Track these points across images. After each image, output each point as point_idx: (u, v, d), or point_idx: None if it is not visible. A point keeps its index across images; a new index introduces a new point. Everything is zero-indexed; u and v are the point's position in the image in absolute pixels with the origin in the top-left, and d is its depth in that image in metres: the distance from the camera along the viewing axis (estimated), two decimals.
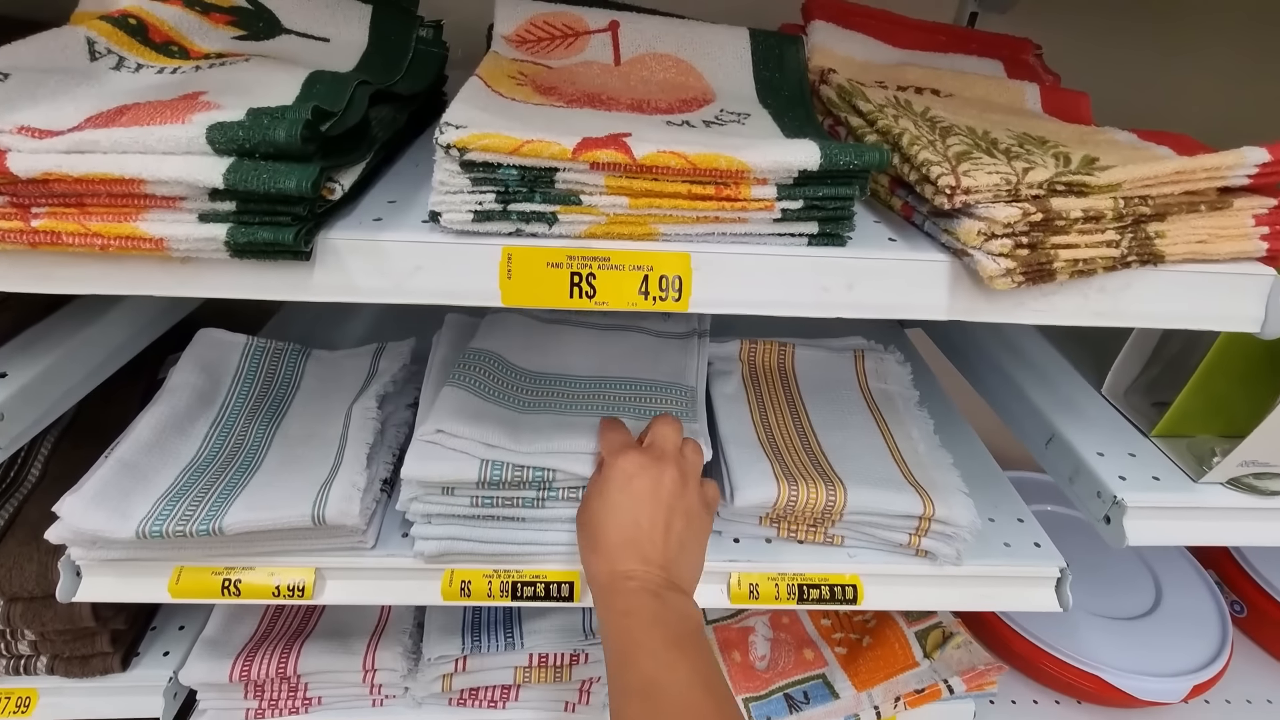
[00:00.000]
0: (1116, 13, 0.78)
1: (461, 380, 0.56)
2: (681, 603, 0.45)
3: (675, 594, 0.45)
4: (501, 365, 0.59)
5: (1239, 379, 0.55)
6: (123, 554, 0.52)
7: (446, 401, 0.53)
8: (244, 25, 0.53)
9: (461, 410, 0.53)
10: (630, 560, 0.45)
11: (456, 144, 0.35)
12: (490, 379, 0.57)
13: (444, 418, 0.52)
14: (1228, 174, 0.40)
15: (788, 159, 0.36)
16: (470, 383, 0.56)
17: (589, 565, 0.47)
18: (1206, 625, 0.85)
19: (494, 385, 0.57)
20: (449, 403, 0.53)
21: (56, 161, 0.34)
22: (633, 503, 0.46)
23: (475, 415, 0.53)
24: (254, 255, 0.36)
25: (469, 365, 0.57)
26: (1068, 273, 0.39)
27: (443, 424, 0.51)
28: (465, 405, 0.53)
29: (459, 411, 0.53)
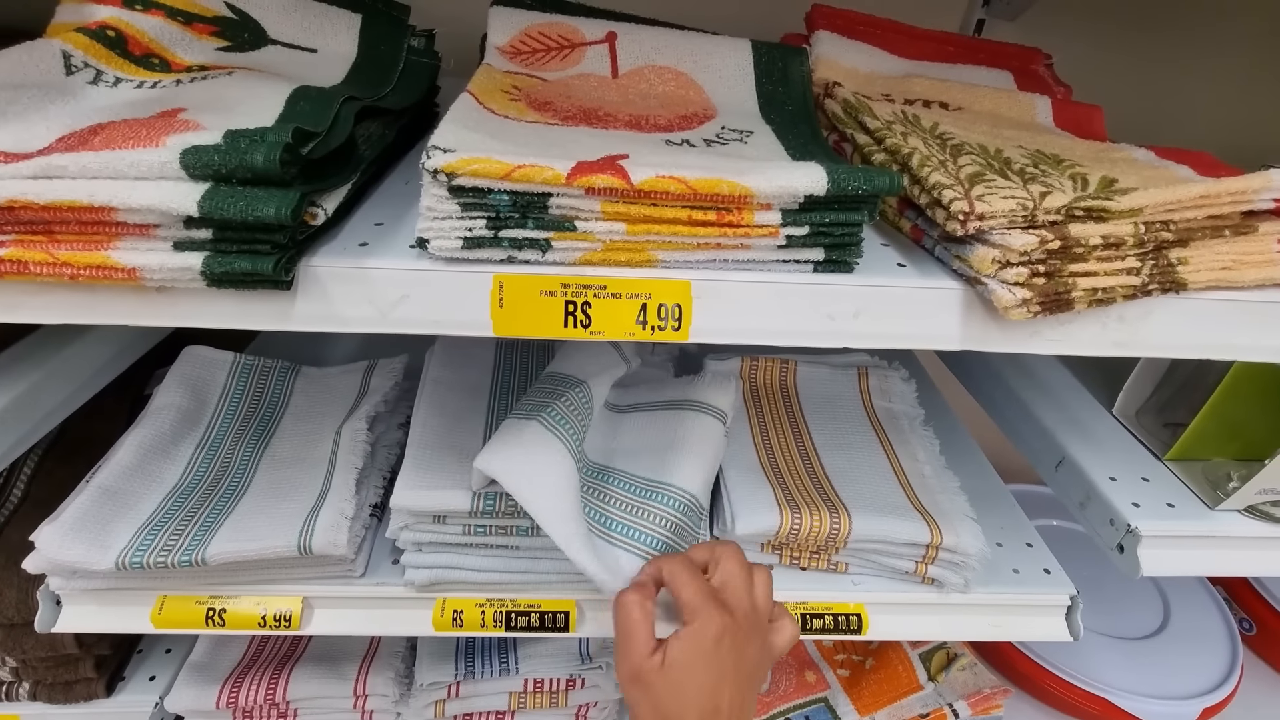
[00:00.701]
0: (1128, 20, 0.76)
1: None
2: None
3: None
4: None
5: (1256, 402, 0.54)
6: (103, 584, 0.51)
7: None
8: (228, 36, 0.51)
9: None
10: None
11: (444, 169, 0.33)
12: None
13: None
14: (1254, 197, 0.38)
15: (793, 184, 0.34)
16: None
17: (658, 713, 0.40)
18: (1216, 645, 0.84)
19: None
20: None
21: (22, 188, 0.32)
22: (716, 680, 0.41)
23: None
24: (232, 285, 0.34)
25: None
26: (1086, 302, 0.37)
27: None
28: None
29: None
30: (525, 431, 0.48)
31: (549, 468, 0.47)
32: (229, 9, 0.52)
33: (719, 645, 0.40)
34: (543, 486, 0.46)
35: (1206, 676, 0.79)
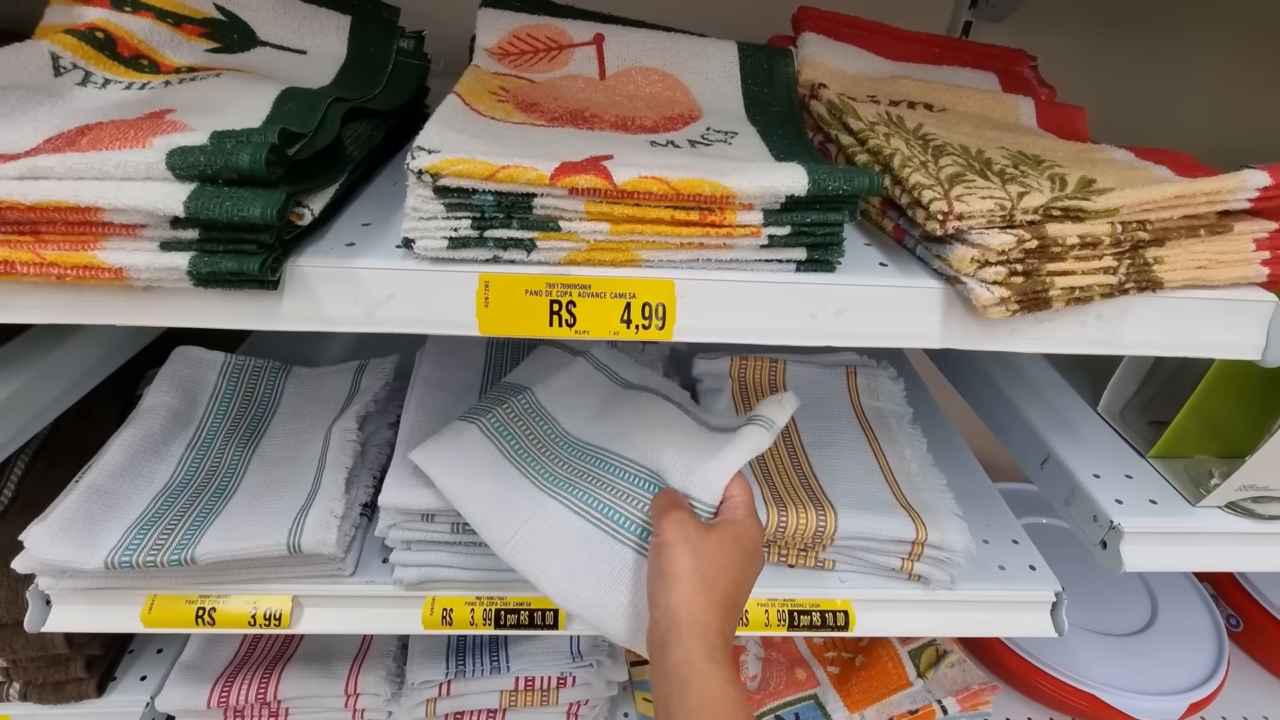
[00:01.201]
0: (1114, 22, 0.77)
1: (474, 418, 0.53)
2: (741, 694, 0.40)
3: (737, 678, 0.40)
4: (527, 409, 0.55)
5: (1237, 400, 0.54)
6: (93, 583, 0.51)
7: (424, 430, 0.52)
8: (218, 38, 0.51)
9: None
10: (721, 631, 0.40)
11: (429, 169, 0.34)
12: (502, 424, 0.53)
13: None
14: (1229, 198, 0.39)
15: (774, 185, 0.35)
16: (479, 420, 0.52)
17: (693, 604, 0.40)
18: (1203, 641, 0.85)
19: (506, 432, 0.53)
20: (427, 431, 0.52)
21: (8, 189, 0.32)
22: (750, 576, 0.43)
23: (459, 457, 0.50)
24: (218, 285, 0.35)
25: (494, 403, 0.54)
26: (1064, 300, 0.38)
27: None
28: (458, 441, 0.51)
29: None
30: (462, 434, 0.50)
31: (480, 471, 0.48)
32: (218, 10, 0.52)
33: (759, 546, 0.44)
34: (473, 489, 0.48)
35: (1193, 672, 0.80)
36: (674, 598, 0.39)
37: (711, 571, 0.40)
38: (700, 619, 0.39)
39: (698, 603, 0.39)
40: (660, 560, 0.41)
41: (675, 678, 0.37)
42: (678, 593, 0.39)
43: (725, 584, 0.40)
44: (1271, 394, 0.54)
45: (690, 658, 0.37)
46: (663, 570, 0.41)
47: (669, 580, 0.40)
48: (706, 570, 0.40)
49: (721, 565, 0.41)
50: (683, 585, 0.40)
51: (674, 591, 0.40)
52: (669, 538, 0.42)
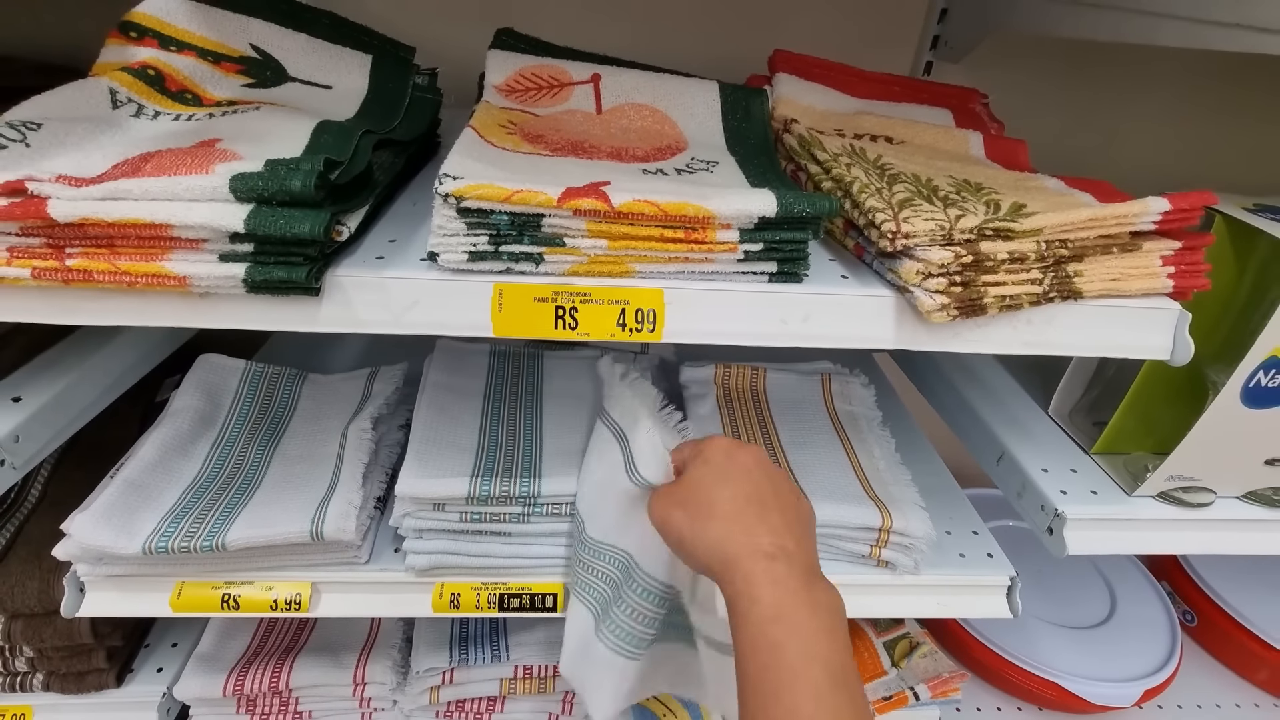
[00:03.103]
0: (1061, 61, 0.85)
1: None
2: (829, 596, 0.37)
3: (820, 583, 0.37)
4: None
5: (1166, 401, 0.61)
6: (126, 569, 0.55)
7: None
8: (252, 74, 0.57)
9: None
10: (764, 529, 0.37)
11: (454, 193, 0.39)
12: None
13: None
14: (1136, 221, 0.45)
15: (748, 207, 0.41)
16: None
17: (707, 535, 0.38)
18: (1158, 633, 0.90)
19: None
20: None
21: (93, 208, 0.37)
22: (747, 475, 0.40)
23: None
24: (269, 291, 0.40)
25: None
26: (997, 307, 0.44)
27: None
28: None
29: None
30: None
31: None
32: (253, 50, 0.58)
33: (732, 454, 0.41)
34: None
35: (1148, 661, 0.86)
36: (704, 555, 0.37)
37: (702, 499, 0.39)
38: (726, 551, 0.36)
39: (713, 533, 0.37)
40: (666, 539, 0.41)
41: (739, 617, 0.35)
42: (699, 548, 0.38)
43: (727, 501, 0.38)
44: (1195, 396, 0.60)
45: (741, 589, 0.35)
46: (674, 541, 0.40)
47: (683, 543, 0.39)
48: (700, 501, 0.39)
49: (707, 493, 0.39)
50: (690, 538, 0.38)
51: (698, 550, 0.38)
52: (654, 516, 0.43)
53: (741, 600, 0.35)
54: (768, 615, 0.34)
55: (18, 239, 0.39)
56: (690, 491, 0.41)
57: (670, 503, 0.42)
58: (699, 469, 0.42)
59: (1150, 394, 0.60)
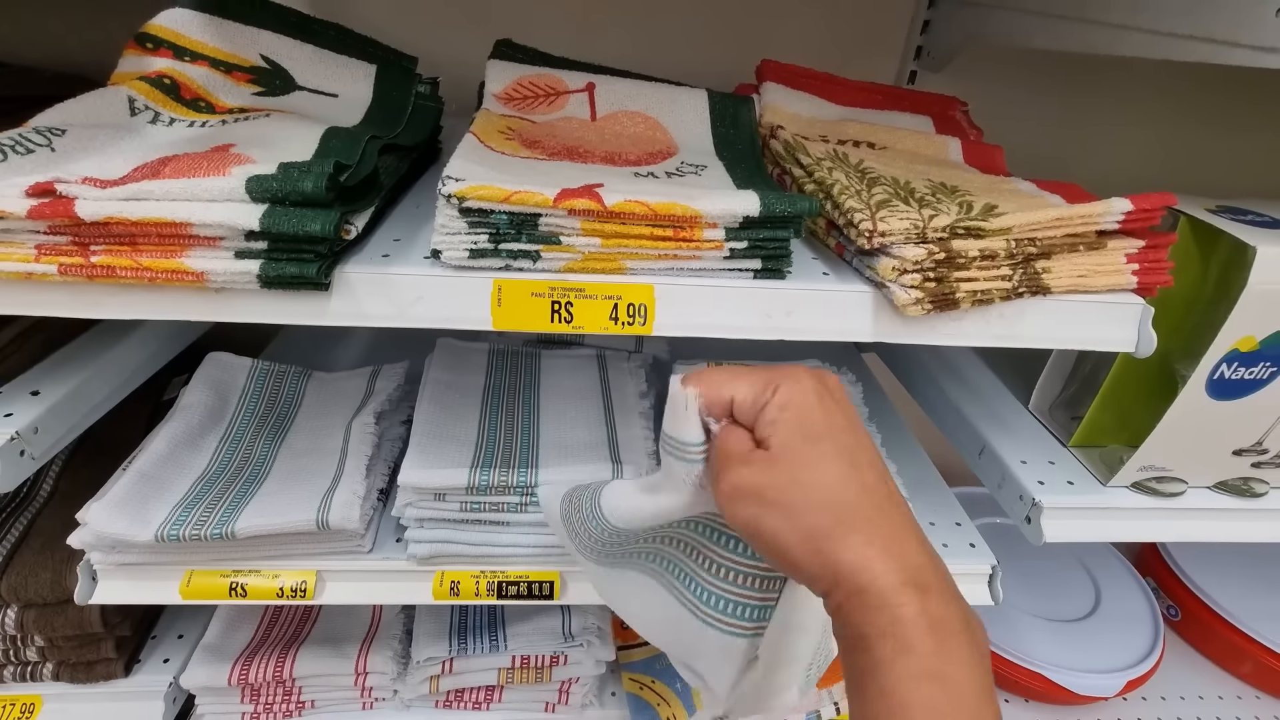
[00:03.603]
0: (1037, 72, 0.88)
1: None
2: (982, 631, 0.29)
3: (969, 610, 0.29)
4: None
5: (1139, 395, 0.63)
6: (138, 558, 0.57)
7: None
8: (262, 83, 0.60)
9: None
10: (896, 547, 0.28)
11: (456, 194, 0.42)
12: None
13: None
14: (1100, 220, 0.48)
15: (733, 207, 0.43)
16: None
17: (829, 558, 0.28)
18: (1141, 626, 0.92)
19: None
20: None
21: (118, 208, 0.40)
22: (856, 445, 0.30)
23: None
24: (281, 286, 0.42)
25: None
26: (969, 302, 0.46)
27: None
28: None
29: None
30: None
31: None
32: (263, 60, 0.61)
33: (823, 401, 0.30)
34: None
35: (1131, 653, 0.88)
36: (819, 573, 0.28)
37: (802, 499, 0.28)
38: (862, 572, 0.27)
39: (845, 556, 0.27)
40: (754, 545, 0.30)
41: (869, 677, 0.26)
42: (816, 566, 0.27)
43: (851, 501, 0.28)
44: (1166, 390, 0.63)
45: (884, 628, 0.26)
46: (769, 550, 0.29)
47: (793, 565, 0.28)
48: (789, 496, 0.28)
49: (811, 479, 0.28)
50: (791, 548, 0.27)
51: (813, 567, 0.27)
52: (724, 507, 0.30)
53: (886, 643, 0.26)
54: (926, 670, 0.26)
55: (45, 237, 0.41)
56: (789, 478, 0.29)
57: (762, 502, 0.29)
58: (787, 428, 0.29)
59: (1124, 389, 0.63)
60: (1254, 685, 0.95)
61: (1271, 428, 0.59)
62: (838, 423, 0.30)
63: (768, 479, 0.29)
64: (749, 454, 0.30)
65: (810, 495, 0.28)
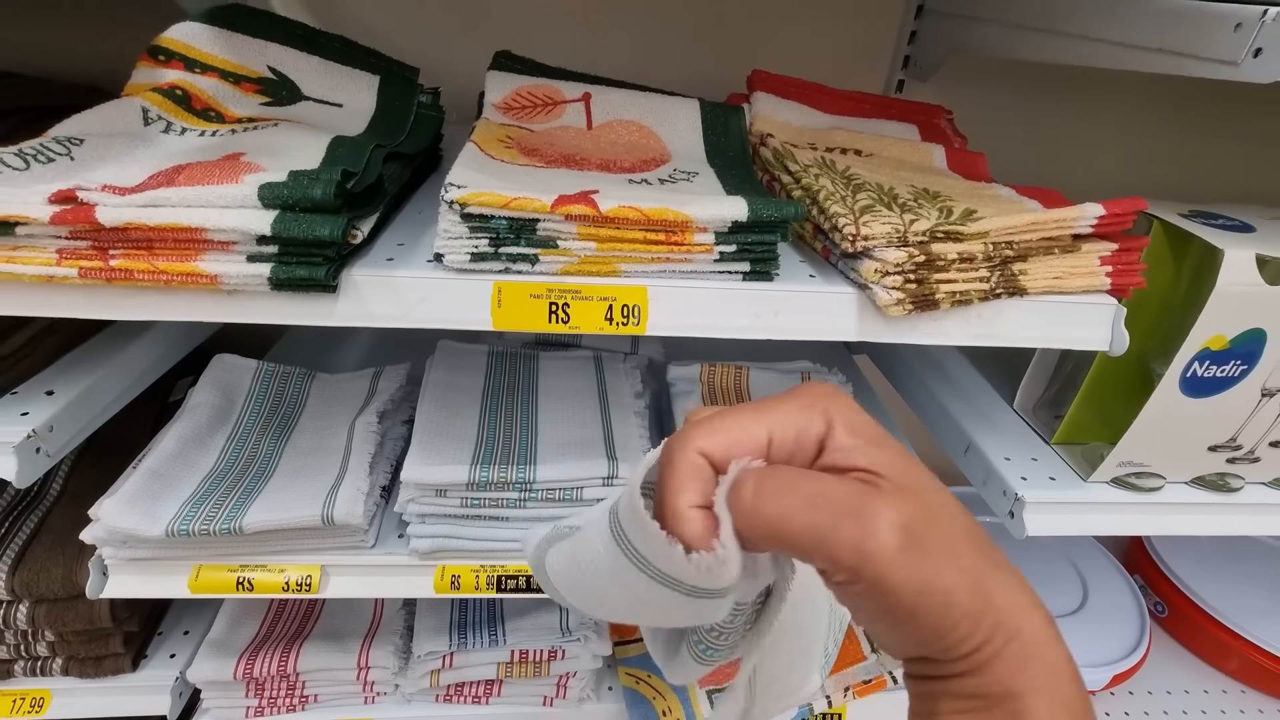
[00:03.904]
0: (1020, 82, 0.91)
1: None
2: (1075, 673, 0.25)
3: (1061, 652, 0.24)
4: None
5: (1118, 394, 0.65)
6: (148, 553, 0.58)
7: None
8: (269, 93, 0.62)
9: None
10: (1024, 593, 0.24)
11: (459, 200, 0.44)
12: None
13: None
14: (1074, 224, 0.50)
15: (722, 213, 0.46)
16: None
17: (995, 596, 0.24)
18: (1128, 622, 0.94)
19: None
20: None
21: (136, 214, 0.42)
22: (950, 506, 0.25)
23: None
24: (291, 288, 0.44)
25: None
26: (949, 302, 0.48)
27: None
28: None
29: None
30: None
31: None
32: (270, 71, 0.63)
33: (868, 416, 0.25)
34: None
35: (1118, 647, 0.90)
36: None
37: (950, 527, 0.23)
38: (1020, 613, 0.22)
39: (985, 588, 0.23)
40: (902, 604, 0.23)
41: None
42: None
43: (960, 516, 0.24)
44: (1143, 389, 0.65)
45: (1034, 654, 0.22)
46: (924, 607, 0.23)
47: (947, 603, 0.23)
48: (949, 534, 0.23)
49: (940, 502, 0.24)
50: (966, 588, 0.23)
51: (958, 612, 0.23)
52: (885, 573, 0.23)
53: (1042, 700, 0.23)
54: (1074, 692, 0.23)
55: (66, 241, 0.43)
56: (921, 507, 0.24)
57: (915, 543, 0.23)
58: (888, 457, 0.24)
59: (1103, 388, 0.65)
60: (1240, 680, 0.97)
61: (1244, 424, 0.61)
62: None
63: (911, 509, 0.22)
64: (873, 485, 0.22)
65: (955, 522, 0.23)
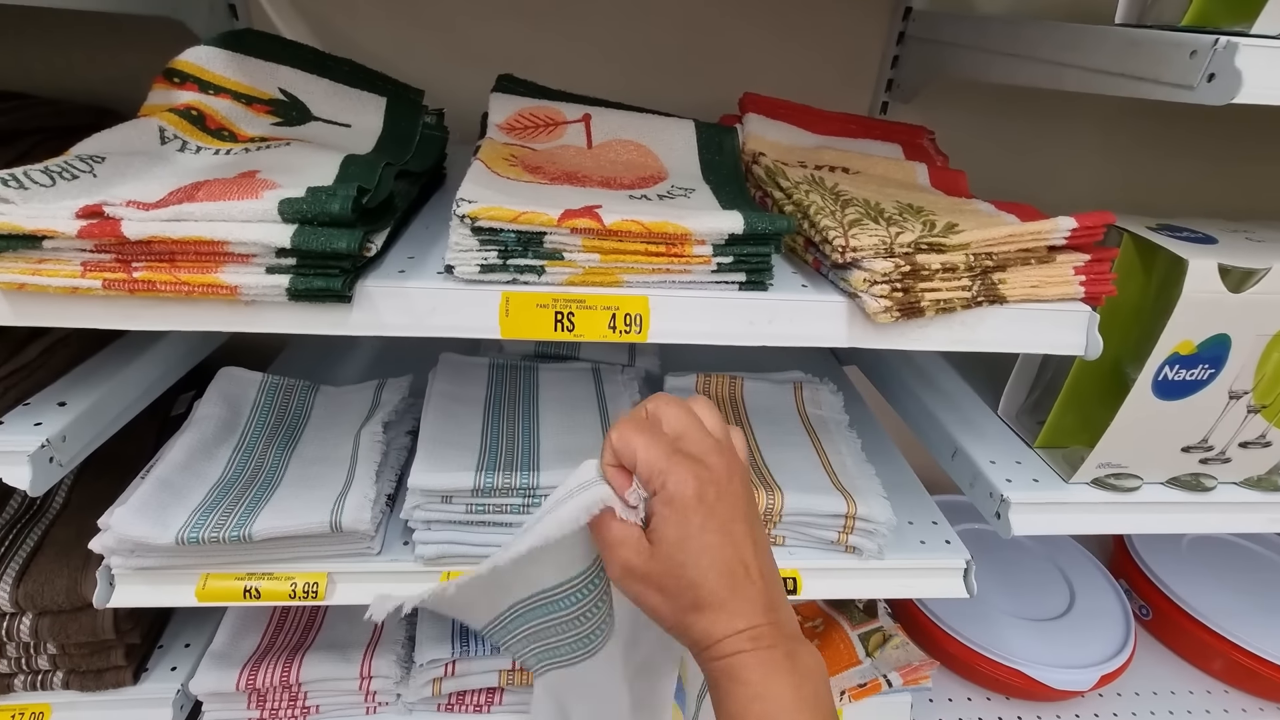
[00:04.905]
0: (999, 103, 0.95)
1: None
2: (809, 659, 0.38)
3: (802, 650, 0.38)
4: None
5: (1096, 399, 0.68)
6: (157, 561, 0.59)
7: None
8: (280, 114, 0.64)
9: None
10: (749, 611, 0.37)
11: (469, 214, 0.46)
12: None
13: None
14: (1049, 236, 0.53)
15: (719, 226, 0.48)
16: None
17: (694, 630, 0.37)
18: (1113, 624, 0.97)
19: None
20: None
21: (160, 228, 0.44)
22: (727, 532, 0.37)
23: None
24: (308, 299, 0.46)
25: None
26: (933, 310, 0.51)
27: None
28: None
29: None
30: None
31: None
32: (281, 93, 0.65)
33: (703, 500, 0.37)
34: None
35: (1104, 649, 0.92)
36: (687, 642, 0.38)
37: (680, 580, 0.36)
38: (710, 645, 0.36)
39: (698, 629, 0.36)
40: (638, 606, 0.39)
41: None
42: (683, 636, 0.37)
43: (712, 582, 0.36)
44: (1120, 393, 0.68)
45: (725, 670, 0.36)
46: (651, 616, 0.38)
47: (663, 624, 0.38)
48: (678, 582, 0.36)
49: (687, 574, 0.36)
50: (674, 625, 0.37)
51: (681, 636, 0.37)
52: (616, 580, 0.39)
53: (724, 681, 0.36)
54: (753, 694, 0.35)
55: (91, 255, 0.45)
56: (671, 575, 0.37)
57: (645, 584, 0.38)
58: (676, 541, 0.37)
59: (1082, 392, 0.68)
60: (1224, 681, 0.99)
61: (1214, 426, 0.64)
62: (715, 516, 0.37)
63: (650, 568, 0.37)
64: (638, 544, 0.38)
65: (681, 583, 0.37)
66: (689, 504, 0.37)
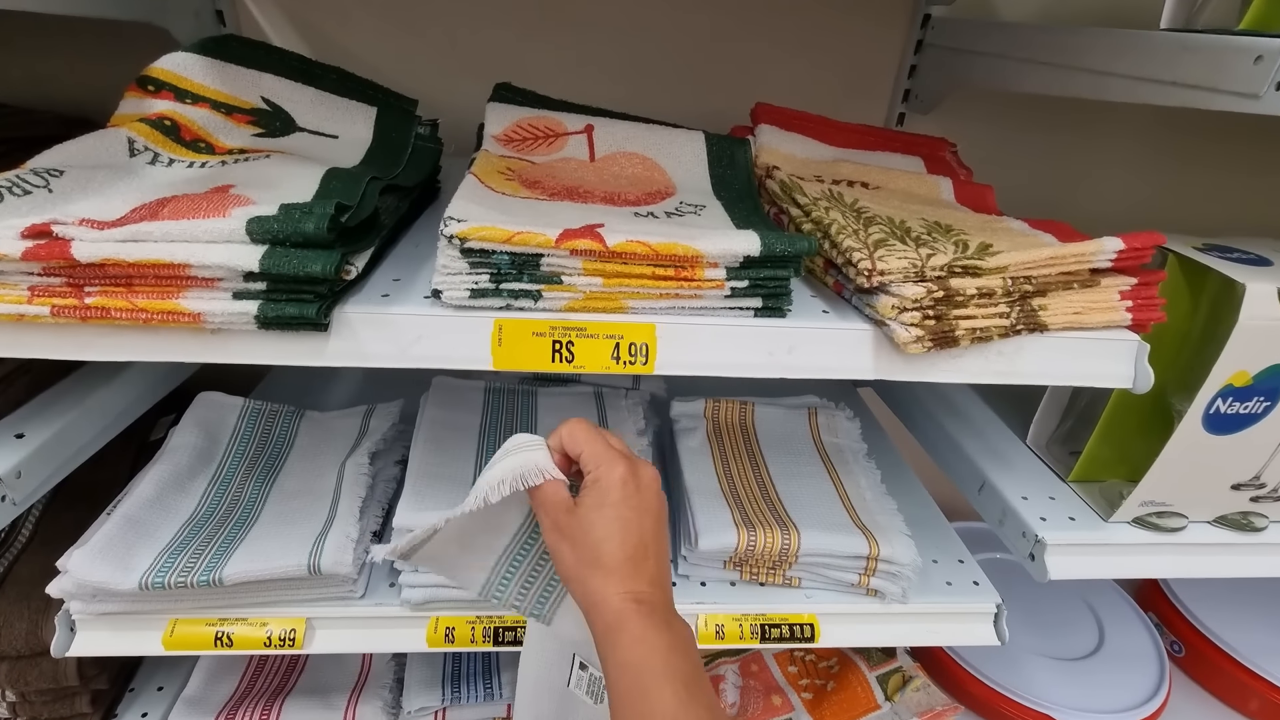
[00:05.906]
0: (1024, 114, 0.91)
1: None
2: (684, 630, 0.44)
3: (677, 620, 0.44)
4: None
5: (1136, 430, 0.63)
6: (120, 607, 0.55)
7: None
8: (263, 124, 0.60)
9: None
10: (639, 580, 0.42)
11: (458, 235, 0.42)
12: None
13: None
14: (1093, 258, 0.49)
15: (734, 247, 0.44)
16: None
17: (590, 583, 0.43)
18: (1146, 664, 0.91)
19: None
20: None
21: (115, 249, 0.39)
22: (638, 517, 0.43)
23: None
24: (279, 327, 0.42)
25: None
26: (969, 339, 0.47)
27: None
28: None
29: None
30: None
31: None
32: (264, 102, 0.61)
33: (625, 486, 0.43)
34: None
35: (1138, 692, 0.86)
36: (581, 594, 0.43)
37: (596, 546, 0.42)
38: (607, 601, 0.42)
39: (599, 584, 0.42)
40: (554, 559, 0.45)
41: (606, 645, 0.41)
42: (579, 588, 0.43)
43: (615, 551, 0.42)
44: (1163, 425, 0.63)
45: (612, 623, 0.41)
46: (558, 567, 0.45)
47: (566, 576, 0.44)
48: (594, 547, 0.42)
49: (597, 541, 0.42)
50: (574, 577, 0.43)
51: (577, 588, 0.43)
52: (545, 537, 0.45)
53: (611, 633, 0.42)
54: (632, 639, 0.41)
55: (39, 279, 0.40)
56: (582, 531, 0.43)
57: (561, 536, 0.44)
58: (594, 507, 0.43)
59: (1121, 423, 0.63)
60: None
61: (1268, 461, 0.59)
62: (629, 504, 0.44)
63: (567, 522, 0.44)
64: (566, 501, 0.44)
65: (588, 539, 0.43)
66: (614, 485, 0.43)
